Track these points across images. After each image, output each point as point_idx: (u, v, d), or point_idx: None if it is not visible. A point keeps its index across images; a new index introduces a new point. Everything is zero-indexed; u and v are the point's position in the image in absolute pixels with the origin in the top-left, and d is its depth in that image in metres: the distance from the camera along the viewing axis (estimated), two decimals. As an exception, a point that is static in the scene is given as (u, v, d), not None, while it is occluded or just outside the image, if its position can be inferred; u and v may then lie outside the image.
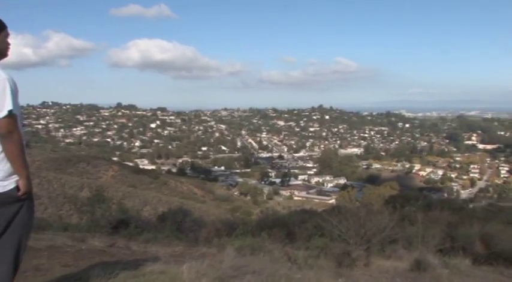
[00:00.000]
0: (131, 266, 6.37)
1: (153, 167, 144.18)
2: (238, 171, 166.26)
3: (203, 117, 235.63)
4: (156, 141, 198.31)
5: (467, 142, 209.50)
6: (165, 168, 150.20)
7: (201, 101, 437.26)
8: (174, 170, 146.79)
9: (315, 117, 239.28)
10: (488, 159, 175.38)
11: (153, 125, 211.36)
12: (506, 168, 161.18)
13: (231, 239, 10.77)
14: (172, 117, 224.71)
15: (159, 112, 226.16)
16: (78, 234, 11.31)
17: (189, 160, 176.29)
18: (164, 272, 5.96)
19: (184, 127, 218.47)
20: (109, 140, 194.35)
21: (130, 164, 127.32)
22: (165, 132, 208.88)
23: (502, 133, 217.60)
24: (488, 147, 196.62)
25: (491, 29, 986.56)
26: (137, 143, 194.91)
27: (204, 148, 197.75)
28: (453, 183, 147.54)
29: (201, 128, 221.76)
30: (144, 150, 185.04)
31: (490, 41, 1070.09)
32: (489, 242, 15.19)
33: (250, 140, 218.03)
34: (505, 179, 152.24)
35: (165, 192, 73.31)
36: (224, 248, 8.63)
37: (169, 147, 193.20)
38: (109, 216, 16.22)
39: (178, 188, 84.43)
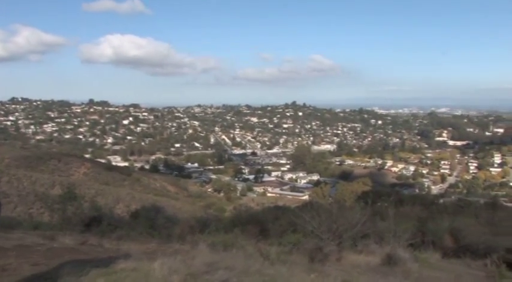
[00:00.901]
0: (103, 264, 6.31)
1: (126, 163, 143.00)
2: (211, 167, 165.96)
3: (176, 114, 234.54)
4: (128, 137, 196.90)
5: (438, 138, 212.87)
6: (138, 165, 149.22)
7: (174, 97, 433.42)
8: (147, 166, 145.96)
9: (288, 114, 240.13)
10: (458, 155, 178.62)
11: (125, 122, 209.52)
12: (475, 164, 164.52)
13: (204, 235, 10.76)
14: (145, 114, 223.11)
15: (132, 108, 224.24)
16: (49, 232, 11.14)
17: (162, 157, 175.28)
18: (136, 269, 5.93)
19: (157, 124, 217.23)
20: (81, 136, 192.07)
21: (103, 161, 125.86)
22: (138, 128, 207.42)
23: (471, 130, 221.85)
24: (458, 143, 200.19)
25: (460, 28, 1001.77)
26: (110, 140, 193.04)
27: (177, 145, 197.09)
28: (424, 179, 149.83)
29: (174, 124, 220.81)
30: (116, 147, 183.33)
31: (459, 40, 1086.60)
32: (458, 236, 15.51)
33: (223, 137, 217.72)
34: (473, 174, 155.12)
35: (138, 189, 72.67)
36: (197, 245, 8.61)
37: (142, 143, 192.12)
38: (81, 214, 16.04)
39: (152, 185, 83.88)
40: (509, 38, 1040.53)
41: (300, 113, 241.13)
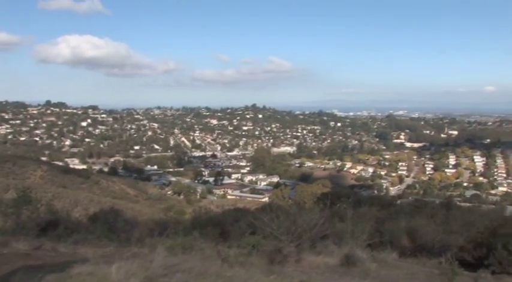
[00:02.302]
0: (57, 269, 6.17)
1: (84, 166, 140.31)
2: (171, 170, 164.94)
3: (136, 116, 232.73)
4: (87, 140, 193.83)
5: (395, 140, 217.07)
6: (97, 167, 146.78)
7: (133, 99, 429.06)
8: (105, 169, 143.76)
9: (248, 116, 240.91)
10: (415, 157, 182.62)
11: (84, 124, 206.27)
12: (431, 166, 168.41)
13: (162, 238, 10.66)
14: (104, 116, 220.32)
15: (90, 110, 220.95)
16: (1, 238, 10.85)
17: (121, 159, 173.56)
18: (92, 273, 5.83)
19: (116, 126, 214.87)
20: (37, 139, 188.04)
21: (60, 163, 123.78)
22: (97, 131, 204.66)
23: (428, 132, 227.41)
24: (415, 145, 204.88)
25: (419, 31, 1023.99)
26: (67, 142, 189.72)
27: (136, 147, 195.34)
28: (383, 181, 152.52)
29: (134, 126, 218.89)
30: (74, 150, 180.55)
31: (417, 43, 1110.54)
32: (414, 236, 15.85)
33: (183, 139, 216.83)
34: (430, 175, 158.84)
35: (97, 192, 71.56)
36: (156, 248, 8.53)
37: (101, 146, 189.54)
38: (36, 218, 15.64)
39: (110, 188, 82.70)
40: (462, 44, 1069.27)
41: (260, 115, 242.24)
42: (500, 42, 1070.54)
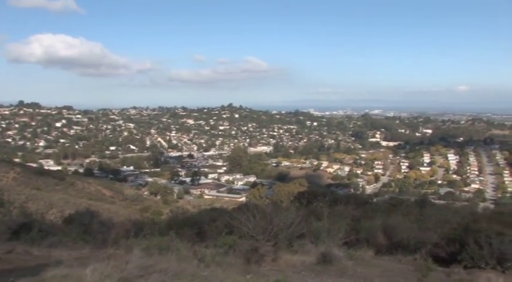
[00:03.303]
0: (30, 272, 6.10)
1: (59, 167, 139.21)
2: (147, 170, 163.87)
3: (111, 116, 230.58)
4: (61, 140, 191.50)
5: (371, 139, 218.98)
6: (72, 168, 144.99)
7: (109, 99, 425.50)
8: (81, 170, 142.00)
9: (224, 116, 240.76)
10: (390, 156, 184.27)
11: (58, 124, 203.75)
12: (406, 164, 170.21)
13: (138, 239, 10.60)
14: (79, 116, 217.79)
15: (64, 111, 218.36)
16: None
17: (97, 160, 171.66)
18: (67, 276, 5.78)
19: (91, 126, 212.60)
20: (10, 140, 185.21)
21: (34, 165, 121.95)
22: (72, 131, 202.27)
23: (403, 131, 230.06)
24: (391, 144, 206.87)
25: (394, 32, 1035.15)
26: (41, 143, 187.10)
27: (112, 148, 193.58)
28: (359, 179, 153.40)
29: (109, 127, 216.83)
30: (49, 151, 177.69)
31: (393, 43, 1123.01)
32: (390, 233, 16.01)
33: (159, 139, 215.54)
34: (405, 173, 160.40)
35: (72, 194, 70.62)
36: (132, 249, 8.48)
37: (76, 147, 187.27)
38: (9, 221, 15.40)
39: (86, 189, 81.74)
40: (436, 45, 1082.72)
41: (237, 115, 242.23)
42: (472, 43, 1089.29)
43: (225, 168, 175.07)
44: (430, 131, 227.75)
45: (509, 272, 11.07)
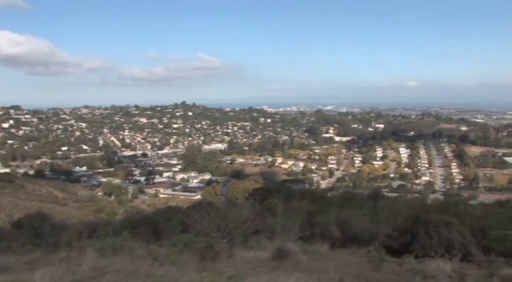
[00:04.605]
0: (-27, 281, 5.92)
1: (7, 170, 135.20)
2: (101, 170, 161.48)
3: (62, 116, 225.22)
4: (9, 142, 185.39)
5: (325, 135, 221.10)
6: (21, 170, 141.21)
7: (59, 98, 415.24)
8: (31, 172, 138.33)
9: (178, 114, 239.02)
10: (344, 151, 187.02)
11: (5, 125, 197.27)
12: (360, 159, 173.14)
13: (92, 240, 10.43)
14: (28, 116, 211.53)
15: (12, 111, 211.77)
16: None
17: (48, 161, 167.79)
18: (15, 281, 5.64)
19: (41, 126, 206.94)
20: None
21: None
22: (20, 132, 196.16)
23: (355, 126, 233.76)
24: (344, 139, 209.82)
25: (346, 28, 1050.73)
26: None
27: (64, 148, 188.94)
28: (313, 174, 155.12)
29: (60, 127, 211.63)
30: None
31: (345, 40, 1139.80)
32: (344, 227, 16.27)
33: (112, 138, 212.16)
34: (358, 168, 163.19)
35: (22, 197, 69.14)
36: (85, 251, 8.34)
37: (26, 148, 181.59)
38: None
39: (37, 192, 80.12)
40: (386, 41, 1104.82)
41: (190, 113, 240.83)
42: (421, 39, 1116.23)
43: (179, 166, 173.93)
44: (382, 126, 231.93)
45: (456, 259, 11.52)
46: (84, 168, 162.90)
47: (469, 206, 21.21)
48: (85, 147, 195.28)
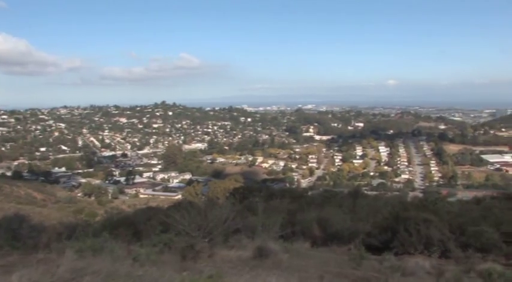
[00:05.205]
0: None
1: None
2: (80, 171, 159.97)
3: (40, 116, 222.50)
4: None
5: (305, 134, 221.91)
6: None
7: (37, 98, 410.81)
8: (9, 173, 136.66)
9: (158, 114, 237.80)
10: (324, 149, 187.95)
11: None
12: (340, 157, 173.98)
13: (71, 241, 10.33)
14: (4, 117, 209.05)
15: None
16: None
17: (26, 162, 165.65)
18: (-9, 284, 5.56)
19: (19, 127, 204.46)
20: None
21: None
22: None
23: (335, 125, 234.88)
24: (324, 138, 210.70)
25: (325, 28, 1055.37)
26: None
27: (42, 149, 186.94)
28: (294, 173, 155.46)
29: (39, 127, 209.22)
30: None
31: (324, 39, 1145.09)
32: (325, 225, 16.33)
33: (92, 139, 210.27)
34: (338, 166, 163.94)
35: (-1, 199, 68.39)
36: (64, 252, 8.26)
37: (3, 149, 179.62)
38: None
39: (15, 193, 79.26)
40: (365, 40, 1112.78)
41: (170, 113, 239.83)
42: (401, 38, 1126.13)
43: (160, 166, 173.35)
44: (361, 125, 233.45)
45: (435, 256, 11.72)
46: (63, 169, 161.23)
47: (447, 204, 21.56)
48: (64, 147, 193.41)
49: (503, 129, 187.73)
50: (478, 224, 13.97)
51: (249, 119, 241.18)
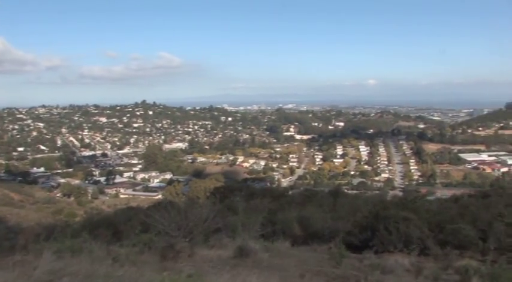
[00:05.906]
0: None
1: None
2: (59, 171, 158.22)
3: (18, 116, 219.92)
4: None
5: (285, 133, 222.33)
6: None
7: (15, 97, 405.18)
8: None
9: (138, 113, 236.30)
10: (304, 149, 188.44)
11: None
12: (320, 156, 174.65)
13: (49, 242, 10.22)
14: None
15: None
16: None
17: (3, 162, 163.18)
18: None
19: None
20: None
21: None
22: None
23: (316, 124, 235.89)
24: (305, 137, 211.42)
25: (305, 27, 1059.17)
26: None
27: (20, 148, 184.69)
28: (275, 173, 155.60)
29: (16, 127, 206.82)
30: None
31: (304, 38, 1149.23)
32: (305, 224, 16.42)
33: (71, 138, 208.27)
34: (319, 166, 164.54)
35: (-25, 201, 67.38)
36: (42, 253, 8.16)
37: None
38: None
39: (-8, 194, 78.08)
40: (345, 40, 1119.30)
41: (151, 112, 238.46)
42: (380, 38, 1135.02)
43: (140, 166, 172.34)
44: (342, 124, 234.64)
45: (414, 253, 11.88)
46: (42, 169, 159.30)
47: (426, 202, 21.73)
48: (43, 147, 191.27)
49: (480, 129, 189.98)
50: (456, 221, 14.16)
51: (230, 119, 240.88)
